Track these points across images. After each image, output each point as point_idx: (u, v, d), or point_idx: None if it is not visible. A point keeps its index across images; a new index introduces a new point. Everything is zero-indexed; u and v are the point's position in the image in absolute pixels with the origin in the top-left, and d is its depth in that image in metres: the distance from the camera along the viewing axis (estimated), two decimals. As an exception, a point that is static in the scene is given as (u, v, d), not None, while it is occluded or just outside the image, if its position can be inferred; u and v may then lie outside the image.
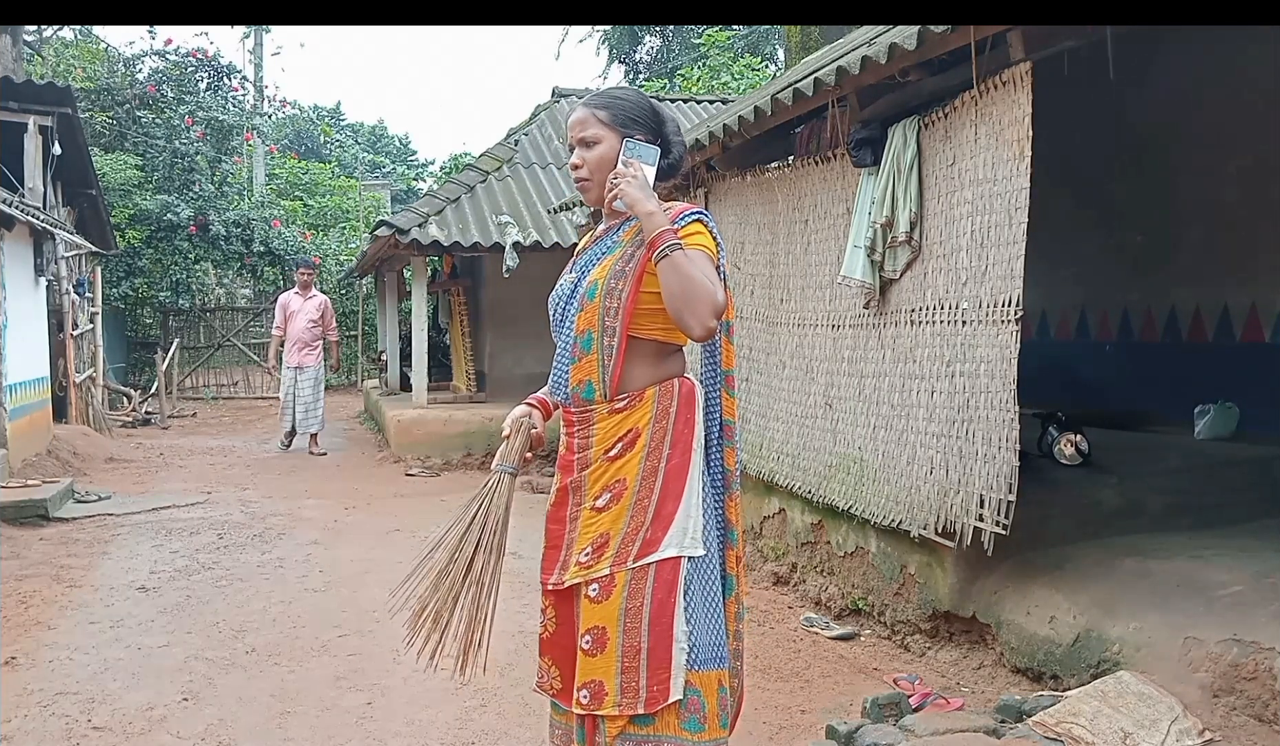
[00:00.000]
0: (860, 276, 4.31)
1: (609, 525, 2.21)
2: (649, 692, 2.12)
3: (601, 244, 2.32)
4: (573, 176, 2.32)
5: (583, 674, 2.18)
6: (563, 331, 2.29)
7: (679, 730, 2.13)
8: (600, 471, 2.23)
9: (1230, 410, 5.37)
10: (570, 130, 2.30)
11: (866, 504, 4.34)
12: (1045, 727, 2.80)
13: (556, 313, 2.33)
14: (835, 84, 4.19)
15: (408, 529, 6.77)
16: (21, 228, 8.75)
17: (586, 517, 2.24)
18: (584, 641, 2.19)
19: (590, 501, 2.24)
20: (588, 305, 2.22)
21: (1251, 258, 5.55)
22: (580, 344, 2.23)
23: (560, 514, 2.30)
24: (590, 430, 2.25)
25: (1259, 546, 3.84)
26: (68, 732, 3.39)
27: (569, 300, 2.29)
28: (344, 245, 20.81)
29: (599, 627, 2.17)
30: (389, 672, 3.97)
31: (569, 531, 2.28)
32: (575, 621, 2.25)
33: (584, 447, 2.26)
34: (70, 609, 4.84)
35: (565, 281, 2.34)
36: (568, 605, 2.27)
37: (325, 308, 10.59)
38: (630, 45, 24.98)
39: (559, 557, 2.28)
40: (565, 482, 2.30)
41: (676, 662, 2.13)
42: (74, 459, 9.47)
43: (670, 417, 2.21)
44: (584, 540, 2.24)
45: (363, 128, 38.97)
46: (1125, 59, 5.70)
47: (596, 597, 2.19)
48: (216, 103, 18.30)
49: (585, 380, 2.23)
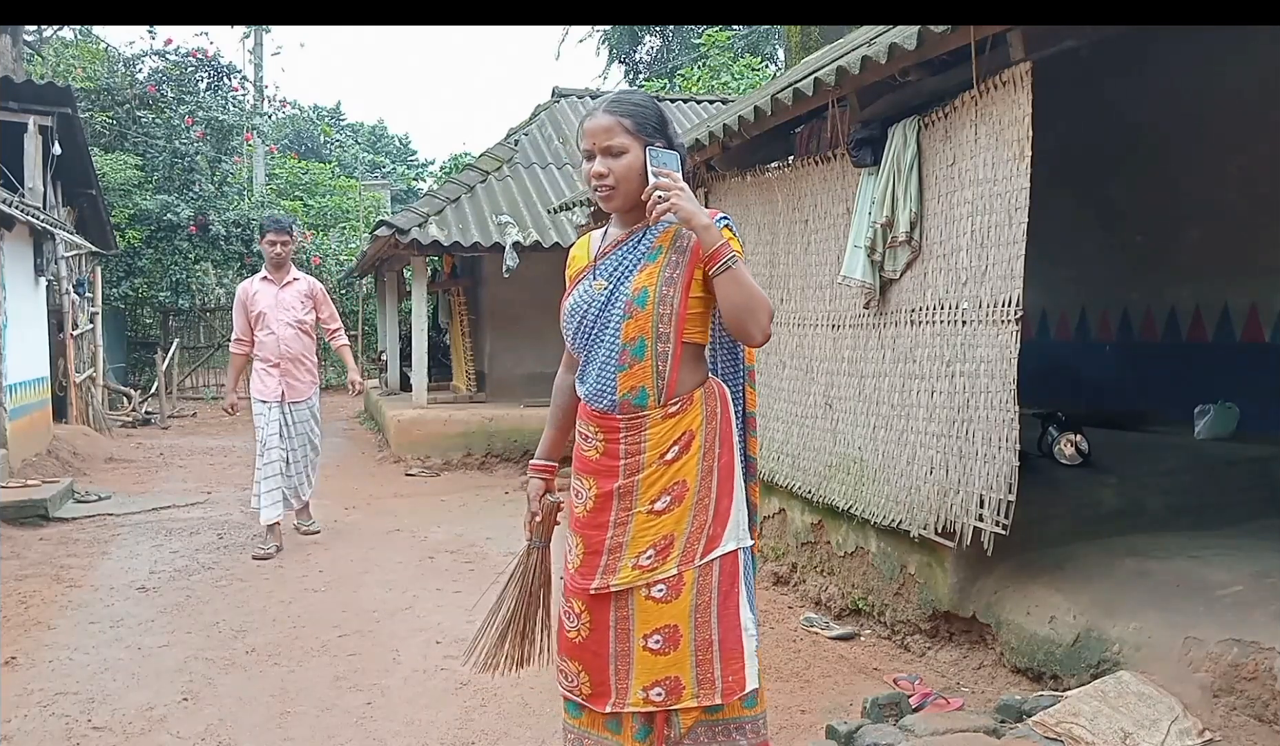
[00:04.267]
0: (860, 276, 4.31)
1: (672, 526, 2.26)
2: (725, 683, 2.23)
3: (630, 250, 2.29)
4: (594, 184, 2.26)
5: (652, 673, 2.25)
6: (603, 340, 2.27)
7: (740, 709, 2.28)
8: (657, 475, 2.27)
9: (1230, 410, 5.36)
10: (591, 136, 2.25)
11: (866, 504, 4.34)
12: (1045, 727, 2.80)
13: (587, 321, 2.29)
14: (835, 84, 4.19)
15: (408, 529, 6.77)
16: (21, 228, 8.75)
17: (642, 521, 2.27)
18: (652, 642, 2.25)
19: (645, 505, 2.27)
20: (638, 312, 2.23)
21: (1251, 258, 5.54)
22: (631, 351, 2.24)
23: (600, 519, 2.30)
24: (642, 435, 2.27)
25: (1259, 546, 3.84)
26: (68, 732, 3.39)
27: (606, 308, 2.26)
28: (344, 245, 20.82)
29: (670, 626, 2.24)
30: (389, 672, 3.97)
31: (613, 536, 2.29)
32: (616, 625, 2.28)
33: (634, 453, 2.27)
34: (70, 609, 4.84)
35: (592, 289, 2.29)
36: (604, 610, 2.29)
37: (316, 294, 6.48)
38: (630, 45, 24.98)
39: (599, 563, 2.29)
40: (608, 488, 2.29)
41: (748, 650, 2.26)
42: (74, 459, 9.48)
43: (717, 418, 2.30)
44: (641, 543, 2.27)
45: (363, 128, 38.95)
46: (1125, 59, 5.70)
47: (664, 598, 2.25)
48: (216, 103, 18.32)
49: (638, 387, 2.25)
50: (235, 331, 6.43)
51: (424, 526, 6.85)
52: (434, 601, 4.98)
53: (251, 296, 6.32)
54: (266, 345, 6.27)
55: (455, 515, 7.30)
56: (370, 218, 21.00)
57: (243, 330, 6.33)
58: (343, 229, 22.24)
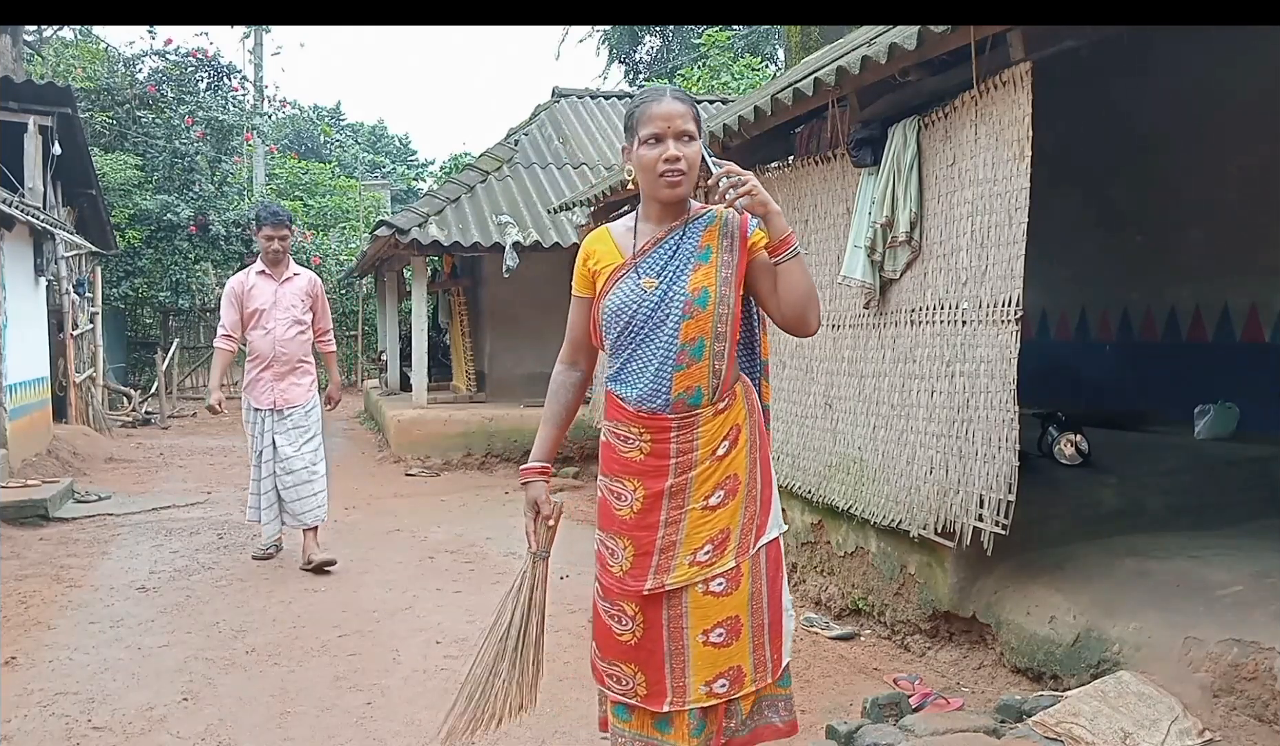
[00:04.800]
0: (860, 276, 4.31)
1: (728, 520, 2.31)
2: (773, 662, 2.36)
3: (674, 247, 2.28)
4: (666, 168, 2.21)
5: (714, 666, 2.30)
6: (655, 339, 2.26)
7: (776, 688, 2.41)
8: (710, 471, 2.30)
9: (1230, 410, 5.36)
10: (666, 119, 2.20)
11: (866, 504, 4.34)
12: (1045, 727, 2.80)
13: (637, 320, 2.27)
14: (835, 84, 4.19)
15: (408, 529, 6.77)
16: (21, 228, 8.75)
17: (696, 517, 2.30)
18: (714, 636, 2.30)
19: (699, 501, 2.30)
20: (699, 313, 2.24)
21: (1251, 258, 5.54)
22: (690, 351, 2.25)
23: (650, 520, 2.30)
24: (695, 433, 2.28)
25: (1259, 546, 3.84)
26: (68, 732, 3.39)
27: (659, 307, 2.25)
28: (344, 245, 20.83)
29: (732, 618, 2.30)
30: (389, 672, 3.97)
31: (664, 535, 2.30)
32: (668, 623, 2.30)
33: (685, 451, 2.29)
34: (70, 609, 4.84)
35: (642, 288, 2.27)
36: (655, 609, 2.31)
37: (316, 292, 5.93)
38: (630, 45, 24.98)
39: (650, 564, 2.30)
40: (658, 488, 2.29)
41: (787, 629, 2.39)
42: (74, 459, 9.48)
43: (756, 411, 2.38)
44: (697, 539, 2.30)
45: (363, 128, 38.93)
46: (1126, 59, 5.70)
47: (724, 591, 2.30)
48: (216, 103, 18.32)
49: (693, 387, 2.27)
50: (223, 325, 5.78)
51: (424, 526, 6.85)
52: (434, 601, 4.98)
53: (248, 291, 5.71)
54: (261, 346, 5.67)
55: (455, 515, 7.30)
56: (370, 218, 21.01)
57: (233, 325, 5.75)
58: (343, 229, 22.25)
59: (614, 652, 2.34)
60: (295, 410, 5.71)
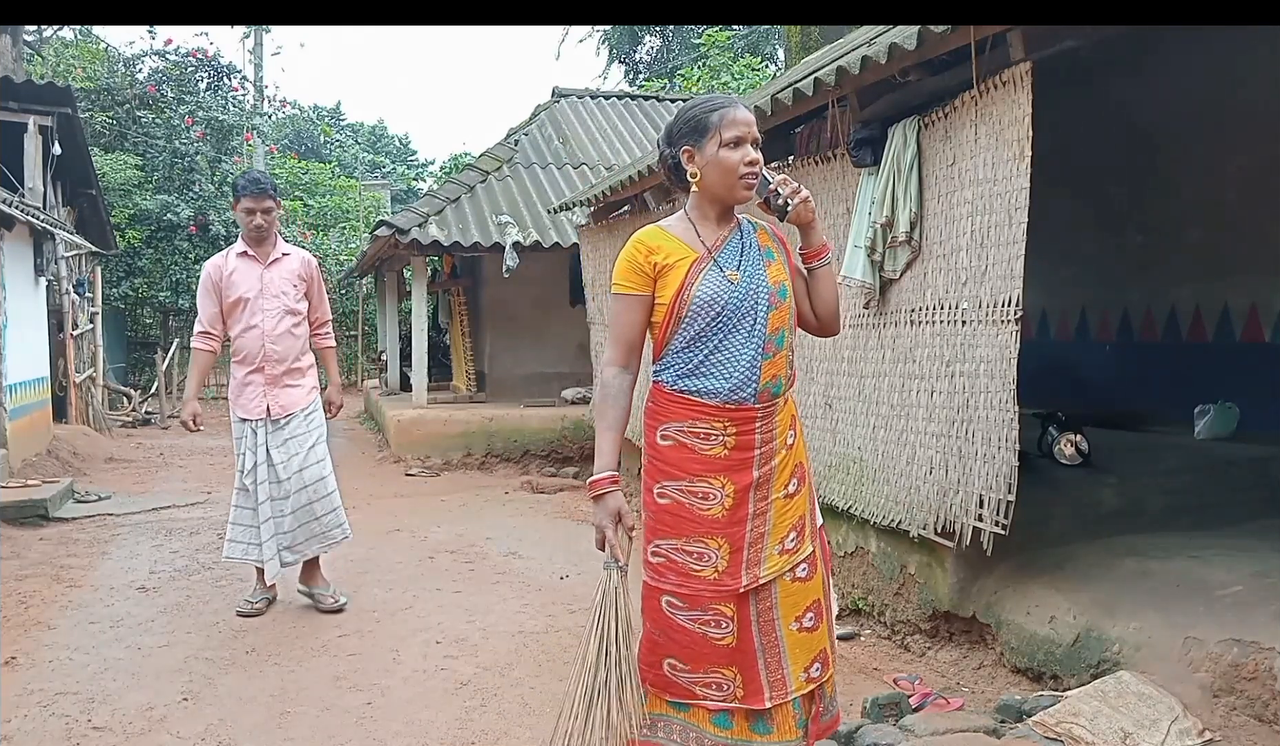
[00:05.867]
0: (860, 276, 4.31)
1: (803, 506, 2.41)
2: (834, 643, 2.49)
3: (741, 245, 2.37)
4: (750, 171, 2.35)
5: (810, 651, 2.37)
6: (741, 331, 2.30)
7: None
8: (786, 460, 2.37)
9: (1230, 410, 5.37)
10: (747, 125, 2.37)
11: (866, 504, 4.34)
12: (1045, 727, 2.80)
13: (727, 311, 2.29)
14: (835, 84, 4.19)
15: (408, 529, 6.77)
16: (21, 228, 8.75)
17: (780, 507, 2.36)
18: (806, 620, 2.38)
19: (780, 491, 2.36)
20: (781, 305, 2.34)
21: (1251, 258, 5.55)
22: (775, 341, 2.33)
23: (739, 515, 2.31)
24: (774, 423, 2.34)
25: (1259, 546, 3.84)
26: (68, 732, 3.39)
27: (748, 299, 2.30)
28: (344, 245, 20.83)
29: (816, 602, 2.40)
30: (389, 672, 3.97)
31: (753, 528, 2.32)
32: (758, 618, 2.33)
33: (768, 440, 2.34)
34: (70, 609, 4.84)
35: (728, 279, 2.31)
36: (745, 607, 2.34)
37: (312, 274, 4.91)
38: (630, 45, 24.98)
39: (743, 559, 2.31)
40: (747, 482, 2.31)
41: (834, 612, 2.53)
42: (74, 459, 9.48)
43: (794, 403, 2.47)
44: (782, 527, 2.36)
45: (363, 128, 38.93)
46: (1126, 59, 5.70)
47: (807, 576, 2.39)
48: (216, 103, 18.33)
49: (777, 376, 2.34)
50: (200, 321, 4.75)
51: (424, 526, 6.85)
52: (434, 601, 4.98)
53: (227, 277, 4.71)
54: (247, 343, 4.69)
55: (455, 515, 7.30)
56: (370, 218, 21.01)
57: (212, 320, 4.72)
58: (343, 229, 22.25)
59: (713, 660, 2.31)
60: (293, 417, 4.72)
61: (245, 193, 4.71)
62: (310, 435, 4.79)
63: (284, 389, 4.73)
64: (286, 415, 4.73)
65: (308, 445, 4.77)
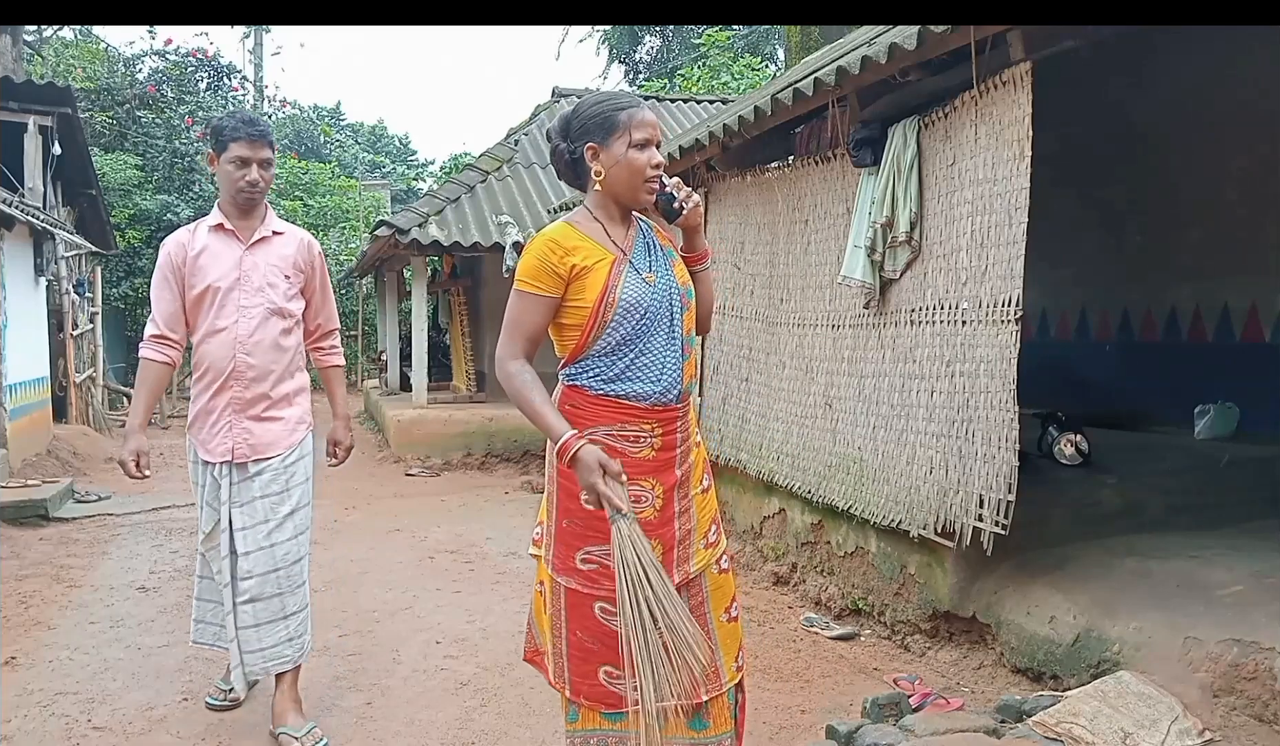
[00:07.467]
0: (860, 276, 4.31)
1: (714, 501, 2.46)
2: None
3: (652, 247, 2.35)
4: (655, 174, 2.27)
5: (736, 639, 2.40)
6: (671, 332, 2.29)
7: None
8: (698, 456, 2.41)
9: (1230, 410, 5.37)
10: (653, 127, 2.28)
11: (866, 504, 4.34)
12: (1045, 727, 2.80)
13: (651, 312, 2.26)
14: (835, 84, 4.19)
15: (408, 529, 6.77)
16: (21, 228, 8.75)
17: (700, 502, 2.39)
18: (732, 610, 2.41)
19: (698, 487, 2.39)
20: (690, 305, 2.36)
21: (1251, 258, 5.55)
22: (689, 342, 2.36)
23: (668, 514, 2.31)
24: (686, 422, 2.37)
25: (1259, 546, 3.84)
26: (68, 732, 3.39)
27: (664, 301, 2.29)
28: (344, 245, 20.82)
29: (734, 593, 2.45)
30: (389, 672, 3.97)
31: (681, 526, 2.33)
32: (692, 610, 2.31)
33: (685, 440, 2.36)
34: (70, 609, 4.84)
35: (645, 281, 2.26)
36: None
37: (313, 262, 3.43)
38: (630, 45, 24.98)
39: (674, 557, 2.32)
40: (672, 481, 2.32)
41: None
42: (74, 459, 9.48)
43: None
44: (704, 522, 2.39)
45: (363, 128, 38.90)
46: (1126, 59, 5.70)
47: (728, 567, 2.44)
48: (216, 103, 18.33)
49: (693, 376, 2.37)
50: (154, 321, 3.36)
51: (424, 526, 6.85)
52: (434, 601, 4.98)
53: (192, 259, 3.31)
54: (212, 352, 3.27)
55: (455, 515, 7.30)
56: (370, 218, 21.00)
57: (170, 320, 3.33)
58: (343, 229, 22.24)
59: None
60: (266, 465, 3.28)
61: (236, 136, 3.27)
62: (289, 496, 3.31)
63: (258, 422, 3.29)
64: (259, 461, 3.27)
65: (282, 511, 3.28)
